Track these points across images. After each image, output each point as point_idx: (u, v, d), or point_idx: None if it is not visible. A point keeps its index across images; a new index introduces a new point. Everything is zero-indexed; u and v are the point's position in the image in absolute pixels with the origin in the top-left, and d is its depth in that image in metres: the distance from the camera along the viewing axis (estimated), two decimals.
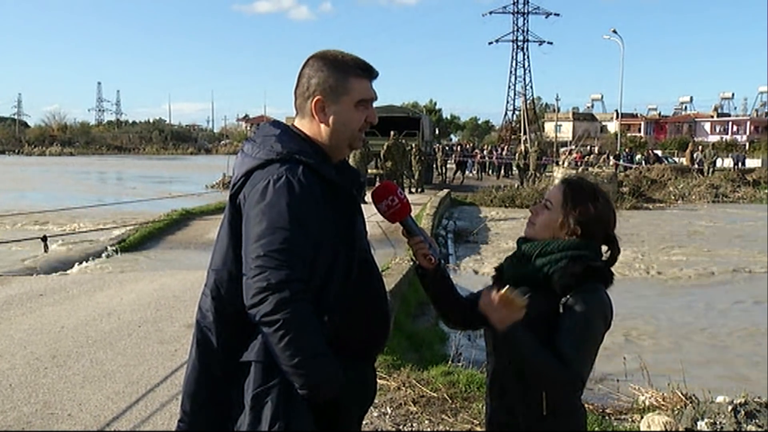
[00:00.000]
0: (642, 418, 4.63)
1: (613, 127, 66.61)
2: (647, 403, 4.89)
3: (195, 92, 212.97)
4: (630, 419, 4.77)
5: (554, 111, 70.33)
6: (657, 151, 43.20)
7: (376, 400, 4.36)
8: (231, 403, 1.89)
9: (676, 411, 4.55)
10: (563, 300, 1.95)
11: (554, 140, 44.25)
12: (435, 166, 30.18)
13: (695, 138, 60.35)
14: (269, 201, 1.81)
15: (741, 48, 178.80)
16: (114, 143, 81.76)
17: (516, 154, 30.02)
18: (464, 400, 4.56)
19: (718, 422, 4.20)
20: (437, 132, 41.11)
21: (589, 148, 36.89)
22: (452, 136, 79.52)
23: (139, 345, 5.53)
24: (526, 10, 78.73)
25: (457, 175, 31.64)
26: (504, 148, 41.98)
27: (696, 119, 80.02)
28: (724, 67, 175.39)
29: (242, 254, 1.84)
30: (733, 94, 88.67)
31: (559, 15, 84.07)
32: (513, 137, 61.22)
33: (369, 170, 19.13)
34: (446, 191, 21.38)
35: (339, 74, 1.96)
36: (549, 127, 69.55)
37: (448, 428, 4.20)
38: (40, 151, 69.02)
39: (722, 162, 37.79)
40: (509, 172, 33.43)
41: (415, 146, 22.03)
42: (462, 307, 2.23)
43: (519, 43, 79.47)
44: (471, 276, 10.88)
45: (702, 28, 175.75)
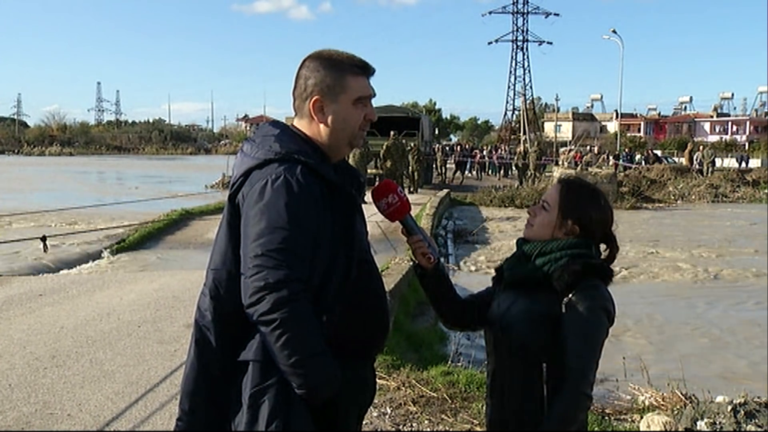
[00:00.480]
0: (641, 418, 4.63)
1: (613, 127, 66.65)
2: (647, 403, 4.89)
3: (194, 92, 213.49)
4: (630, 419, 4.77)
5: (554, 111, 70.36)
6: (657, 151, 43.20)
7: (376, 400, 4.36)
8: (229, 402, 1.89)
9: (676, 411, 4.55)
10: (565, 300, 1.95)
11: (554, 140, 44.28)
12: (435, 166, 30.20)
13: (695, 138, 60.41)
14: (267, 201, 1.81)
15: (740, 48, 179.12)
16: (113, 143, 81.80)
17: (515, 155, 30.04)
18: (464, 400, 4.56)
19: (718, 422, 4.20)
20: (437, 132, 41.15)
21: (589, 148, 36.90)
22: (452, 136, 79.56)
23: (139, 345, 5.52)
24: (526, 10, 78.83)
25: (457, 175, 31.65)
26: (503, 148, 42.00)
27: (695, 119, 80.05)
28: (724, 67, 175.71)
29: (241, 254, 1.84)
30: (733, 94, 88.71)
31: (559, 15, 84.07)
32: (512, 137, 61.25)
33: (369, 170, 19.13)
34: (446, 191, 21.40)
35: (335, 73, 1.96)
36: (549, 127, 69.59)
37: (448, 428, 4.19)
38: (40, 151, 69.03)
39: (722, 162, 37.81)
40: (508, 172, 33.44)
41: (413, 146, 22.03)
42: (460, 308, 2.23)
43: (518, 43, 79.58)
44: (470, 276, 10.88)
45: (701, 28, 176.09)
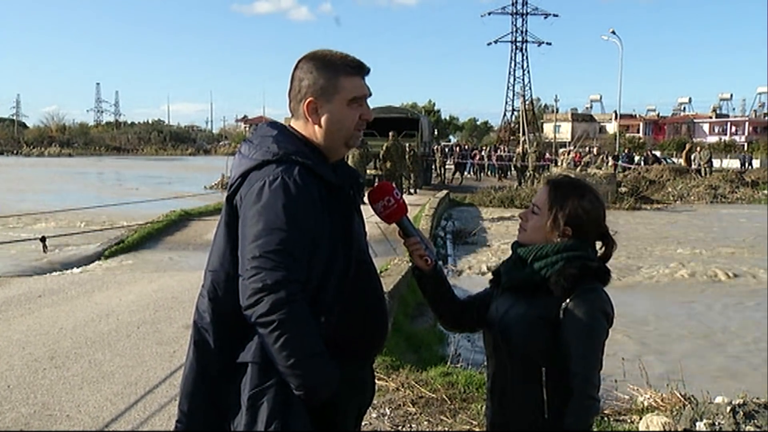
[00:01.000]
0: (641, 419, 4.63)
1: (612, 128, 66.66)
2: (646, 404, 4.89)
3: (194, 93, 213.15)
4: (629, 420, 4.77)
5: (553, 112, 70.38)
6: (656, 152, 43.22)
7: (375, 401, 4.36)
8: (228, 404, 1.89)
9: (675, 412, 4.55)
10: (564, 304, 1.94)
11: (553, 141, 44.30)
12: (434, 167, 30.20)
13: (694, 138, 60.47)
14: (265, 202, 1.81)
15: (739, 49, 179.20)
16: (113, 144, 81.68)
17: (515, 155, 30.04)
18: (463, 401, 4.55)
19: (717, 423, 4.20)
20: (436, 133, 41.12)
21: (588, 149, 36.91)
22: (451, 137, 79.50)
23: (138, 346, 5.52)
24: (525, 11, 78.69)
25: (456, 176, 31.66)
26: (502, 149, 42.00)
27: (695, 120, 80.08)
28: (723, 68, 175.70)
29: (239, 255, 1.84)
30: (732, 95, 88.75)
31: (558, 16, 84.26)
32: (512, 138, 61.24)
33: (368, 171, 19.12)
34: (445, 192, 21.39)
35: (329, 74, 1.95)
36: (548, 128, 69.59)
37: (447, 429, 4.19)
38: (39, 152, 68.96)
39: (720, 163, 37.82)
40: (507, 173, 33.44)
41: (410, 147, 22.01)
42: (459, 309, 2.23)
43: (518, 44, 79.44)
44: (470, 277, 10.87)
45: (700, 29, 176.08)
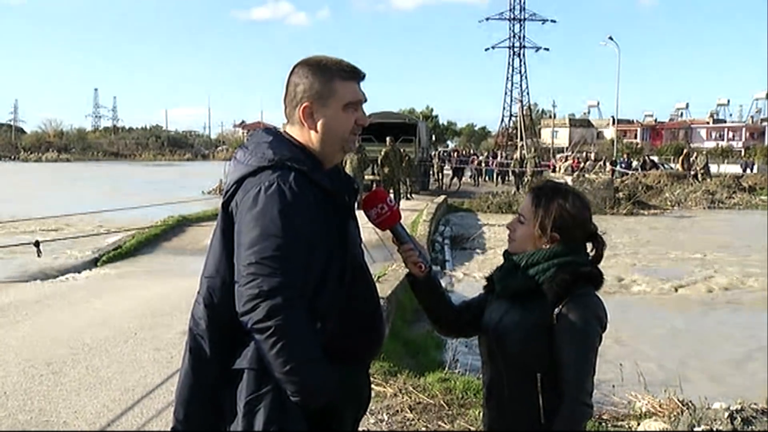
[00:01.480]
0: (639, 424, 4.63)
1: (610, 134, 66.81)
2: (644, 410, 4.89)
3: (192, 98, 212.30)
4: (627, 425, 4.77)
5: (551, 117, 70.57)
6: (653, 157, 43.32)
7: (373, 407, 4.36)
8: (224, 411, 1.88)
9: (673, 417, 4.55)
10: (557, 310, 1.94)
11: (551, 146, 44.38)
12: (432, 173, 30.19)
13: (691, 144, 60.59)
14: (261, 208, 1.81)
15: (737, 55, 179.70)
16: (110, 149, 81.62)
17: (512, 161, 30.07)
18: (461, 407, 4.55)
19: (715, 429, 4.20)
20: (434, 138, 41.18)
21: (585, 155, 36.98)
22: (449, 142, 79.60)
23: (135, 352, 5.51)
24: (523, 17, 79.15)
25: (454, 182, 31.69)
26: (500, 154, 42.06)
27: (692, 125, 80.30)
28: (720, 74, 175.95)
29: (234, 262, 1.84)
30: (729, 101, 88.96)
31: (556, 21, 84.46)
32: (509, 143, 61.35)
33: (366, 176, 19.13)
34: (443, 197, 21.40)
35: (324, 79, 1.96)
36: (545, 134, 69.75)
37: None
38: (37, 158, 68.94)
39: (718, 168, 37.90)
40: (505, 179, 33.47)
41: (404, 152, 21.98)
42: (453, 315, 2.23)
43: (515, 50, 79.90)
44: (467, 282, 10.87)
45: (698, 35, 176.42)
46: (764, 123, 79.51)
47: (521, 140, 36.98)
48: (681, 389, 4.99)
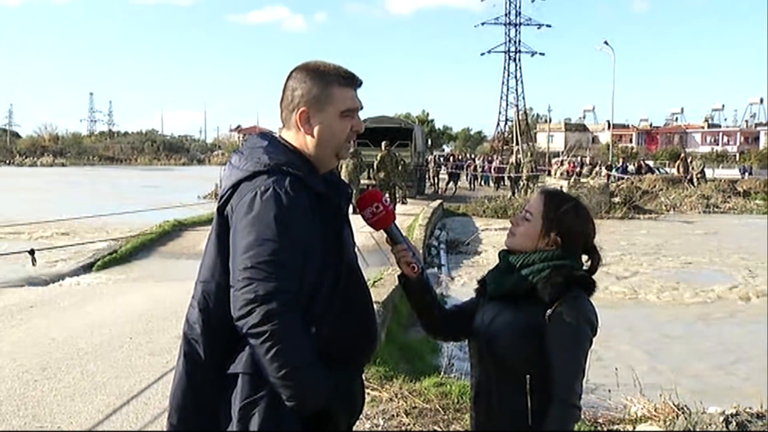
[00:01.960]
0: (634, 428, 4.63)
1: (605, 138, 67.01)
2: (639, 414, 4.90)
3: (188, 102, 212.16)
4: (622, 429, 4.77)
5: (546, 122, 70.69)
6: (649, 162, 43.44)
7: (369, 411, 4.36)
8: (218, 416, 1.88)
9: (668, 422, 4.56)
10: (549, 312, 1.95)
11: (546, 151, 44.47)
12: (428, 177, 30.21)
13: (686, 148, 60.80)
14: (257, 213, 1.81)
15: (732, 60, 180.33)
16: (106, 154, 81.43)
17: (508, 165, 30.11)
18: (456, 411, 4.55)
19: None
20: (430, 142, 41.22)
21: (581, 159, 37.05)
22: (445, 147, 79.73)
23: (130, 357, 5.50)
24: (518, 21, 79.26)
25: (450, 186, 31.73)
26: (496, 159, 42.11)
27: (687, 130, 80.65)
28: (715, 79, 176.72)
29: (230, 266, 1.84)
30: (724, 106, 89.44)
31: (551, 26, 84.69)
32: (505, 148, 61.43)
33: (362, 181, 19.15)
34: (439, 202, 21.43)
35: (322, 84, 1.96)
36: (541, 138, 69.85)
37: None
38: (32, 162, 68.72)
39: (713, 172, 38.02)
40: (501, 183, 33.52)
41: (400, 157, 21.98)
42: (444, 318, 2.24)
43: (511, 54, 79.97)
44: (463, 286, 10.87)
45: (693, 40, 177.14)
46: (758, 127, 79.89)
47: (517, 144, 37.04)
48: (676, 393, 5.00)
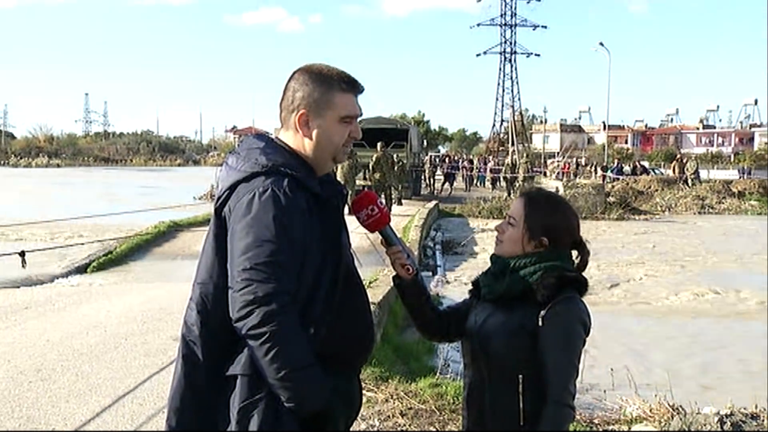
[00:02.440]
0: (629, 429, 4.64)
1: (601, 139, 67.13)
2: (634, 414, 4.90)
3: (183, 103, 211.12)
4: (617, 430, 4.78)
5: (542, 122, 70.85)
6: (644, 163, 43.54)
7: (364, 413, 4.35)
8: (217, 418, 1.88)
9: (663, 422, 4.57)
10: (542, 313, 1.96)
11: (542, 152, 44.54)
12: (423, 178, 30.24)
13: (681, 149, 60.99)
14: (255, 214, 1.81)
15: (727, 61, 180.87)
16: (101, 155, 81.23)
17: (504, 166, 30.15)
18: (452, 412, 4.55)
19: None
20: (425, 143, 41.25)
21: (576, 160, 37.13)
22: (440, 148, 79.78)
23: (126, 358, 5.48)
24: (514, 23, 79.50)
25: (446, 187, 31.76)
26: (492, 160, 42.17)
27: (682, 131, 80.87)
28: (710, 80, 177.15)
29: (228, 268, 1.83)
30: (718, 107, 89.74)
31: (546, 27, 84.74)
32: (501, 149, 61.54)
33: (357, 181, 19.16)
34: (434, 203, 21.44)
35: (323, 88, 1.96)
36: (537, 139, 70.02)
37: None
38: (27, 163, 68.49)
39: (708, 173, 38.13)
40: (495, 184, 33.56)
41: (398, 158, 22.00)
42: (438, 319, 2.24)
43: (507, 55, 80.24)
44: (459, 287, 10.87)
45: (688, 41, 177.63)
46: (753, 128, 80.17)
47: (513, 145, 37.11)
48: (672, 394, 5.01)
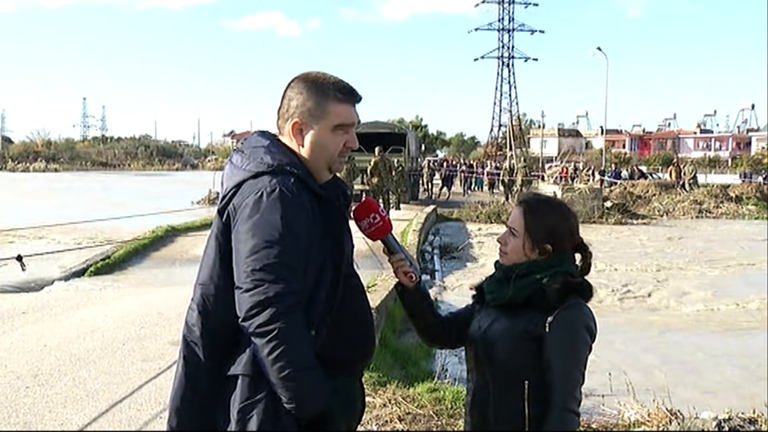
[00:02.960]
0: None
1: (598, 143, 67.24)
2: (633, 419, 4.90)
3: (181, 108, 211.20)
4: None
5: (540, 127, 70.88)
6: (642, 167, 43.59)
7: (362, 418, 4.34)
8: (217, 417, 1.88)
9: (662, 427, 4.56)
10: (549, 319, 1.96)
11: (540, 156, 44.57)
12: (421, 182, 30.25)
13: (679, 154, 61.06)
14: (262, 213, 1.81)
15: (724, 66, 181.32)
16: (99, 159, 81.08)
17: (502, 171, 30.16)
18: (450, 417, 4.54)
19: None
20: (423, 148, 41.29)
21: (574, 164, 37.17)
22: (438, 152, 79.81)
23: (123, 363, 5.47)
24: (512, 27, 79.71)
25: (444, 191, 31.76)
26: (490, 164, 42.19)
27: (679, 135, 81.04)
28: (707, 85, 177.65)
29: (233, 267, 1.83)
30: (716, 111, 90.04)
31: (544, 32, 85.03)
32: (499, 153, 61.60)
33: (355, 186, 19.16)
34: (432, 207, 21.43)
35: (318, 97, 1.95)
36: (534, 143, 70.06)
37: None
38: (24, 167, 68.38)
39: (705, 178, 38.18)
40: (492, 188, 33.57)
41: (397, 162, 22.02)
42: (440, 326, 2.24)
43: (504, 60, 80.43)
44: (456, 292, 10.87)
45: (685, 47, 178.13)
46: (750, 133, 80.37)
47: (510, 150, 37.12)
48: (670, 399, 5.01)
